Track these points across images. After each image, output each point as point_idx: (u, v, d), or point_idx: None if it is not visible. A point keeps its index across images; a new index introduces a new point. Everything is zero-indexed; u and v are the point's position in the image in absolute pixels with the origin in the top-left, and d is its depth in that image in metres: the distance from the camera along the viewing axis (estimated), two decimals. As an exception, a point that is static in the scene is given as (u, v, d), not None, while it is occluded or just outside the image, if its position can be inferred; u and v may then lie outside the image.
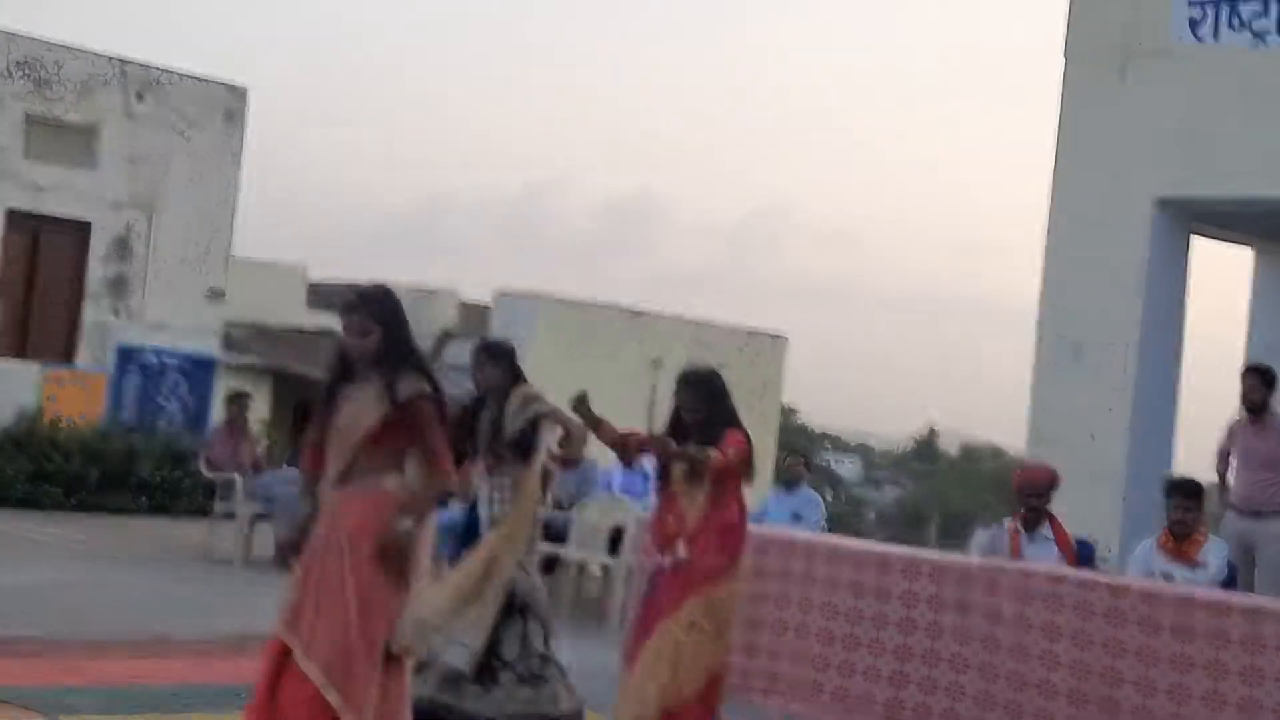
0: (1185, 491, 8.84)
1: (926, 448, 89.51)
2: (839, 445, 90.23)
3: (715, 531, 6.82)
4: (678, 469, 6.86)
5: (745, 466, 6.93)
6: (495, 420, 7.32)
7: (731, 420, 6.89)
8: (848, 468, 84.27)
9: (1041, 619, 7.95)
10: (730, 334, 24.16)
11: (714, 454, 6.73)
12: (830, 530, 12.94)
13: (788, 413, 45.22)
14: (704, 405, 6.85)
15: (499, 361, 7.41)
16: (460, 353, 20.80)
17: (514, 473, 7.26)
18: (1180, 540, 8.74)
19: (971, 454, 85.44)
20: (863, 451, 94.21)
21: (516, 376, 7.43)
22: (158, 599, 10.68)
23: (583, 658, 9.80)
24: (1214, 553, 8.78)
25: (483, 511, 7.23)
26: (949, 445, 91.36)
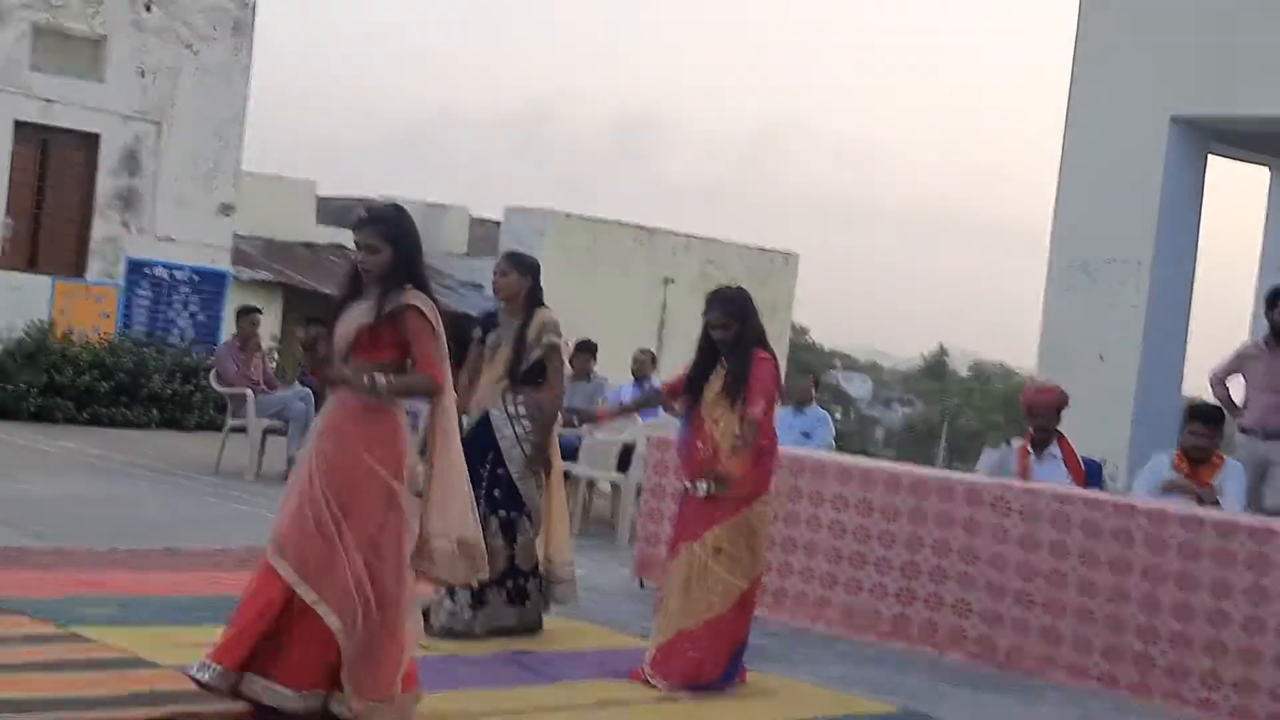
0: (1206, 418, 8.71)
1: (937, 367, 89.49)
2: (849, 364, 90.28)
3: (749, 459, 6.79)
4: (710, 392, 6.82)
5: (777, 391, 6.95)
6: (517, 340, 7.30)
7: (759, 339, 6.87)
8: (857, 386, 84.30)
9: (1049, 538, 7.97)
10: (741, 252, 24.11)
11: (754, 415, 6.69)
12: (839, 449, 12.98)
13: (798, 331, 45.20)
14: (734, 322, 6.81)
15: (523, 272, 7.40)
16: (471, 269, 20.79)
17: (528, 395, 7.32)
18: (1195, 464, 8.69)
19: (982, 373, 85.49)
20: (873, 370, 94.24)
21: (536, 293, 7.42)
22: (168, 512, 10.74)
23: (592, 574, 9.88)
24: (1231, 477, 8.67)
25: (504, 431, 7.26)
26: (959, 364, 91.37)
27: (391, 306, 5.49)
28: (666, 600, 6.87)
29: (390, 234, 5.58)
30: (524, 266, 7.44)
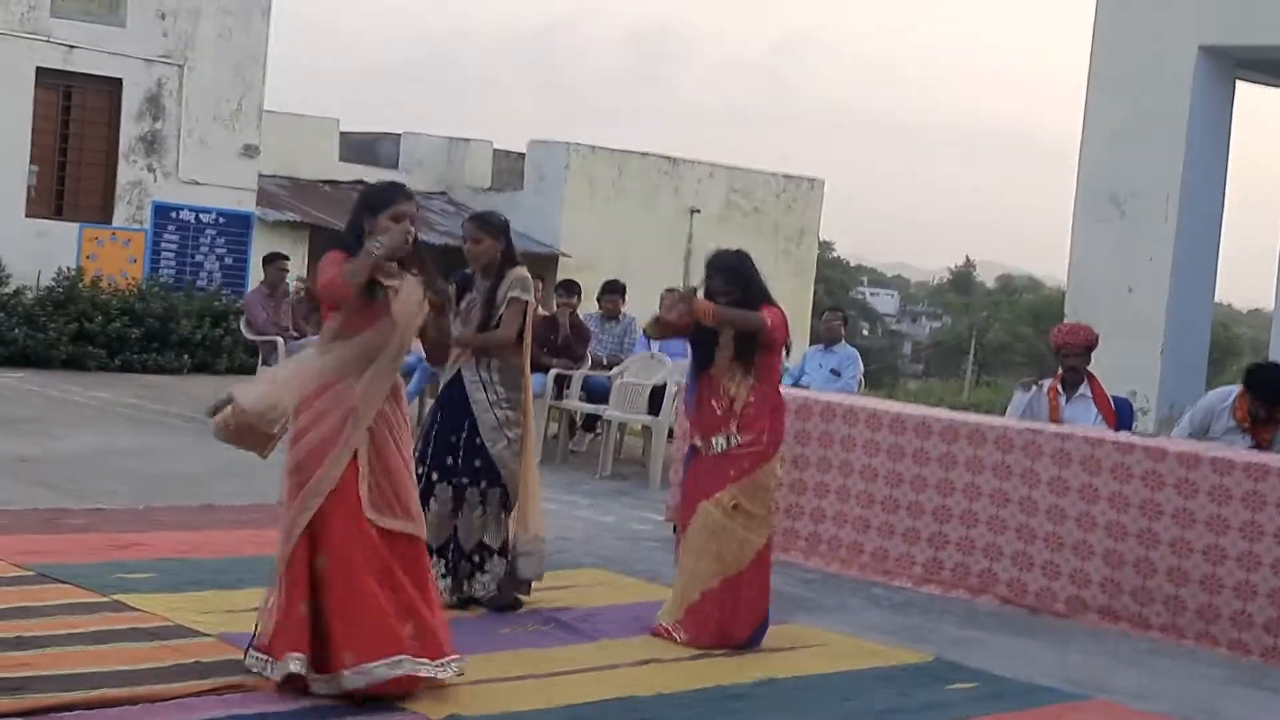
0: (1267, 398, 8.34)
1: (963, 279, 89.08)
2: (875, 279, 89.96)
3: (764, 414, 6.81)
4: (722, 354, 6.81)
5: (785, 337, 6.96)
6: (487, 301, 7.11)
7: (766, 298, 6.88)
8: (884, 301, 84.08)
9: (1079, 482, 8.00)
10: (766, 179, 24.00)
11: (761, 316, 6.72)
12: (867, 365, 12.97)
13: (823, 246, 44.89)
14: (736, 289, 6.81)
15: (495, 236, 7.15)
16: (496, 204, 20.77)
17: (503, 360, 7.09)
18: (1258, 424, 8.46)
19: (1009, 285, 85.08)
20: (899, 284, 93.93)
21: (509, 253, 7.20)
22: (203, 463, 10.79)
23: (625, 520, 9.96)
24: None
25: (476, 396, 7.02)
26: (986, 277, 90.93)
27: None
28: (685, 560, 6.85)
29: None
30: (495, 229, 7.16)
